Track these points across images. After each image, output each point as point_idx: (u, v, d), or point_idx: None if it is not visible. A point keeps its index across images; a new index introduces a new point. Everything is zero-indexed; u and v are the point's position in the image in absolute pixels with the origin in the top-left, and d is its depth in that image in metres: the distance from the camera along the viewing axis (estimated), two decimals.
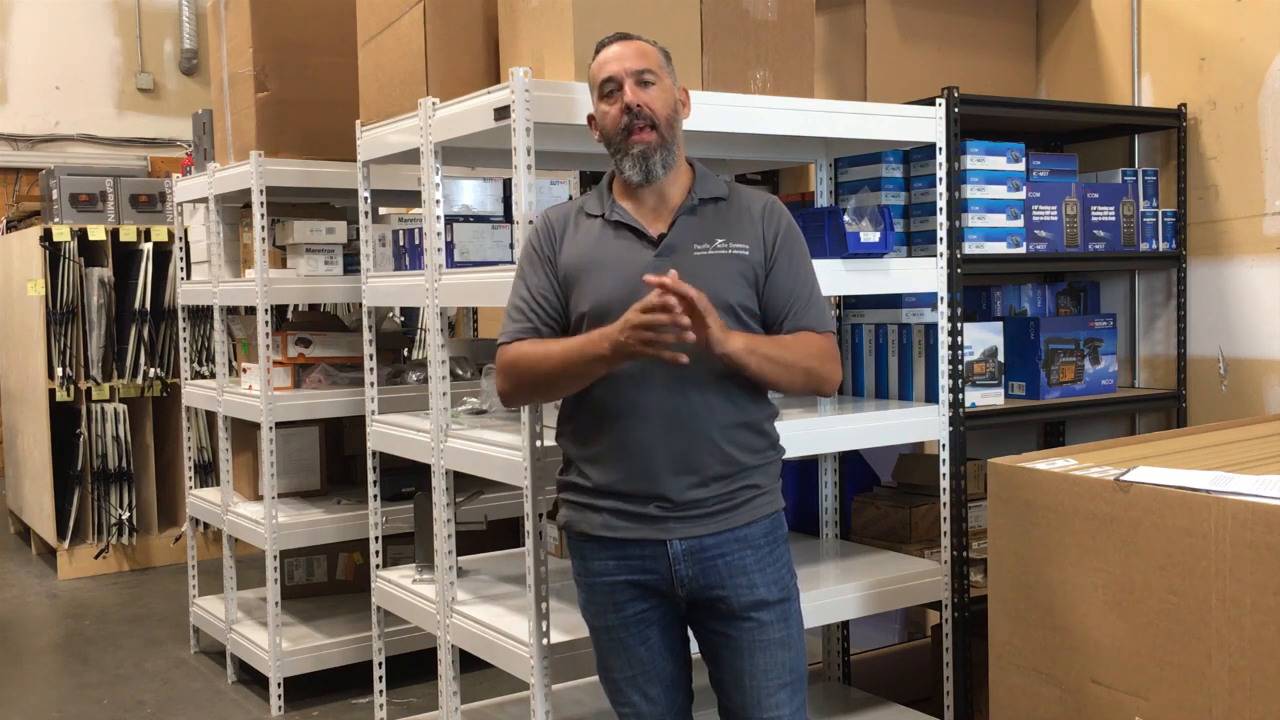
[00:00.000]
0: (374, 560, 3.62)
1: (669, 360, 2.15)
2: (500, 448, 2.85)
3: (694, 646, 2.50)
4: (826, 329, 2.40)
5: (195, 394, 4.77)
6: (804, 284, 2.41)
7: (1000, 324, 3.59)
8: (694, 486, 2.29)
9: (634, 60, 2.35)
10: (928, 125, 3.24)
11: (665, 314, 2.11)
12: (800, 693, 2.40)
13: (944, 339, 3.30)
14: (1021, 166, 3.55)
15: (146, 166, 8.40)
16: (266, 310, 4.00)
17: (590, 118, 2.45)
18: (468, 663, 3.22)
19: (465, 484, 3.29)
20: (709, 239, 2.36)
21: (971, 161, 3.44)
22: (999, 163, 3.50)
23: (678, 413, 2.28)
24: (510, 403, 2.46)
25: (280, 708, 4.14)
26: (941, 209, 3.29)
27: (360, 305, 3.66)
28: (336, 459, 4.76)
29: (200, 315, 6.03)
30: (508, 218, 3.43)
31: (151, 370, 6.25)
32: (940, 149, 3.27)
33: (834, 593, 3.12)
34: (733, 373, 2.28)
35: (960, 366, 3.36)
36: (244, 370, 4.39)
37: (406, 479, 4.10)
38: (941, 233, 3.30)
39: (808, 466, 3.71)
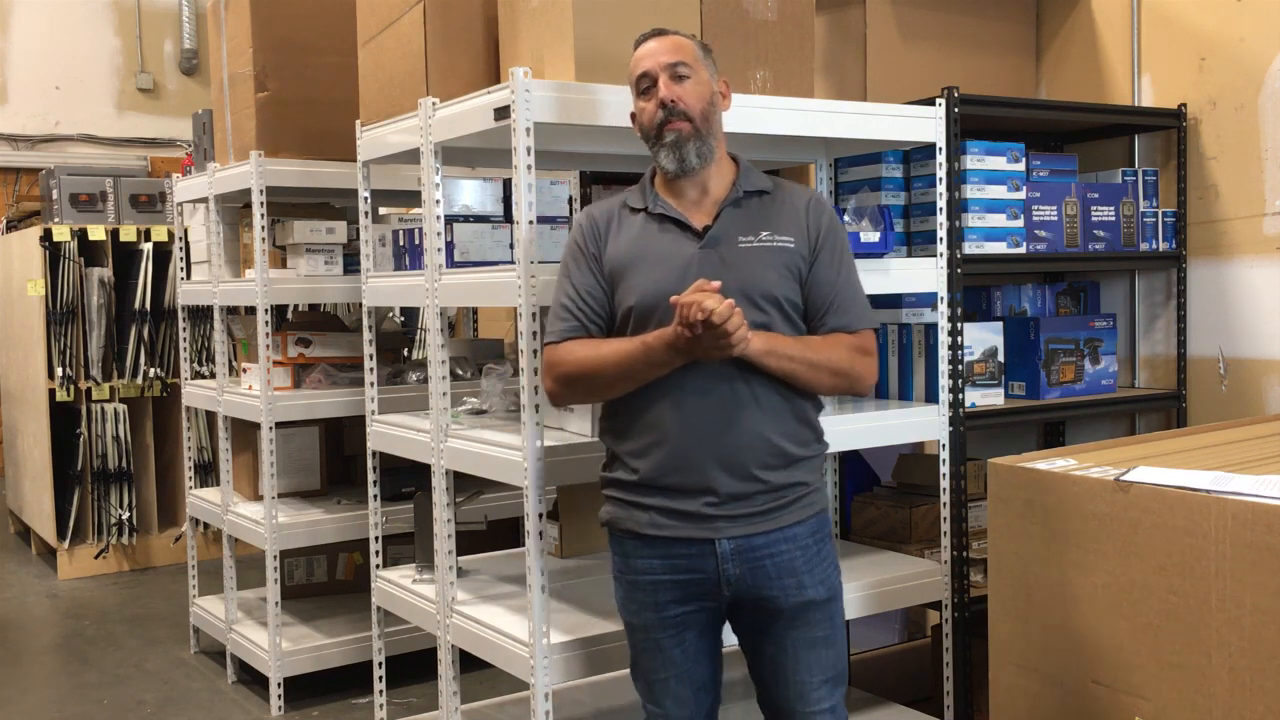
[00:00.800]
0: (374, 560, 3.62)
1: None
2: (500, 448, 2.85)
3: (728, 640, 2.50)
4: (865, 326, 2.39)
5: (195, 394, 4.76)
6: (845, 280, 2.40)
7: (1000, 324, 3.59)
8: (743, 479, 2.28)
9: (668, 54, 2.36)
10: (928, 125, 3.24)
11: (735, 318, 2.13)
12: (841, 686, 2.43)
13: (944, 339, 3.30)
14: (1021, 166, 3.55)
15: (146, 166, 8.40)
16: (266, 310, 4.00)
17: (633, 115, 2.46)
18: (468, 663, 3.22)
19: (465, 484, 3.29)
20: (753, 231, 2.35)
21: (971, 161, 3.44)
22: (999, 163, 3.50)
23: (725, 404, 2.27)
24: (560, 403, 2.48)
25: (280, 708, 4.14)
26: (941, 209, 3.29)
27: (360, 305, 3.66)
28: (336, 459, 4.76)
29: (200, 315, 6.03)
30: (508, 218, 3.43)
31: (151, 370, 6.25)
32: (940, 149, 3.27)
33: None
34: None
35: (960, 366, 3.36)
36: (244, 370, 4.39)
37: (406, 479, 4.10)
38: (941, 233, 3.30)
39: None
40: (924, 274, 3.26)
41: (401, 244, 3.52)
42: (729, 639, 2.50)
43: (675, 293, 2.20)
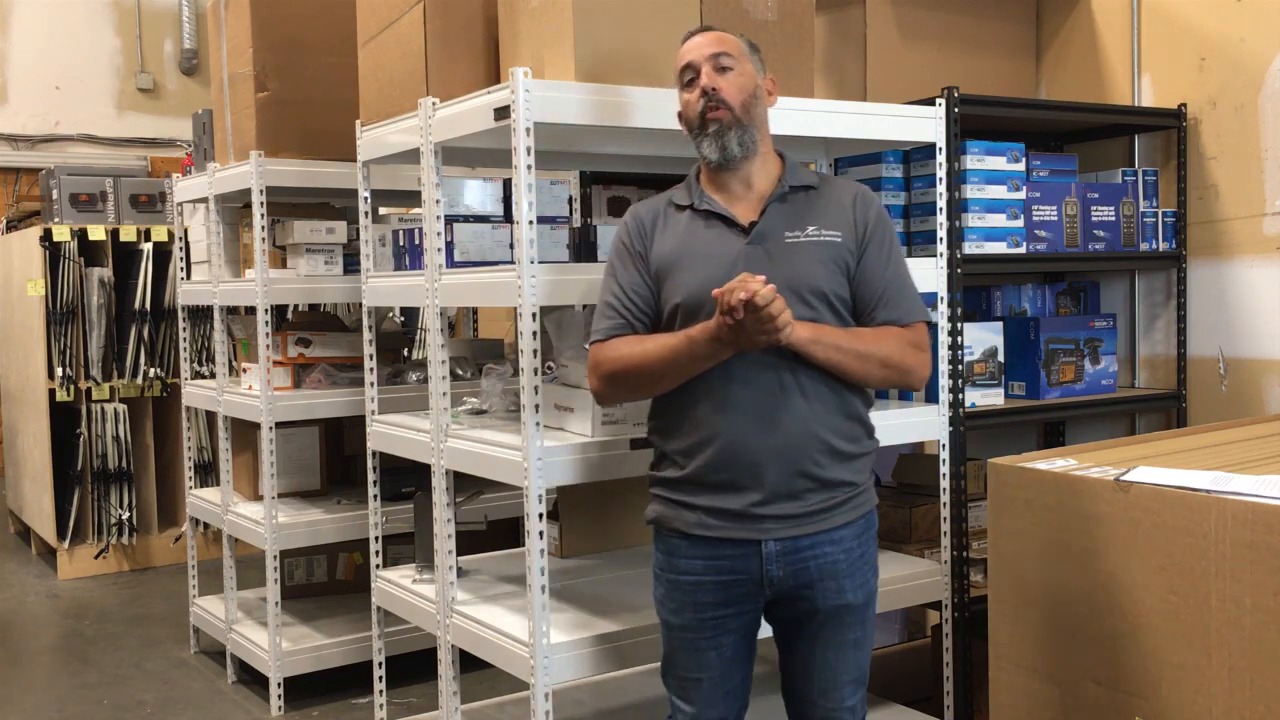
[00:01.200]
0: (374, 560, 3.62)
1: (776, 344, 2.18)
2: (500, 448, 2.85)
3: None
4: (916, 319, 2.38)
5: (195, 394, 4.76)
6: (895, 274, 2.39)
7: (1000, 324, 3.60)
8: (792, 476, 2.27)
9: (711, 46, 2.36)
10: (928, 125, 3.24)
11: (777, 303, 2.11)
12: (864, 685, 2.44)
13: (944, 339, 3.30)
14: (1021, 166, 3.55)
15: (146, 166, 8.40)
16: (266, 310, 4.00)
17: (679, 114, 2.46)
18: (468, 663, 3.22)
19: (465, 484, 3.29)
20: (800, 226, 2.34)
21: (971, 161, 3.44)
22: (999, 163, 3.50)
23: (773, 399, 2.26)
24: (607, 401, 2.48)
25: (280, 708, 4.14)
26: (941, 209, 3.29)
27: (360, 305, 3.66)
28: (336, 459, 4.76)
29: (200, 315, 6.03)
30: (508, 218, 3.43)
31: (151, 370, 6.25)
32: (940, 149, 3.27)
33: None
34: None
35: (960, 366, 3.36)
36: (244, 370, 4.39)
37: (406, 479, 4.09)
38: (941, 233, 3.30)
39: None
40: (924, 274, 3.25)
41: (401, 244, 3.52)
42: (763, 630, 2.49)
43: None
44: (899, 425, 3.26)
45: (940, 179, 3.28)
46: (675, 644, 2.41)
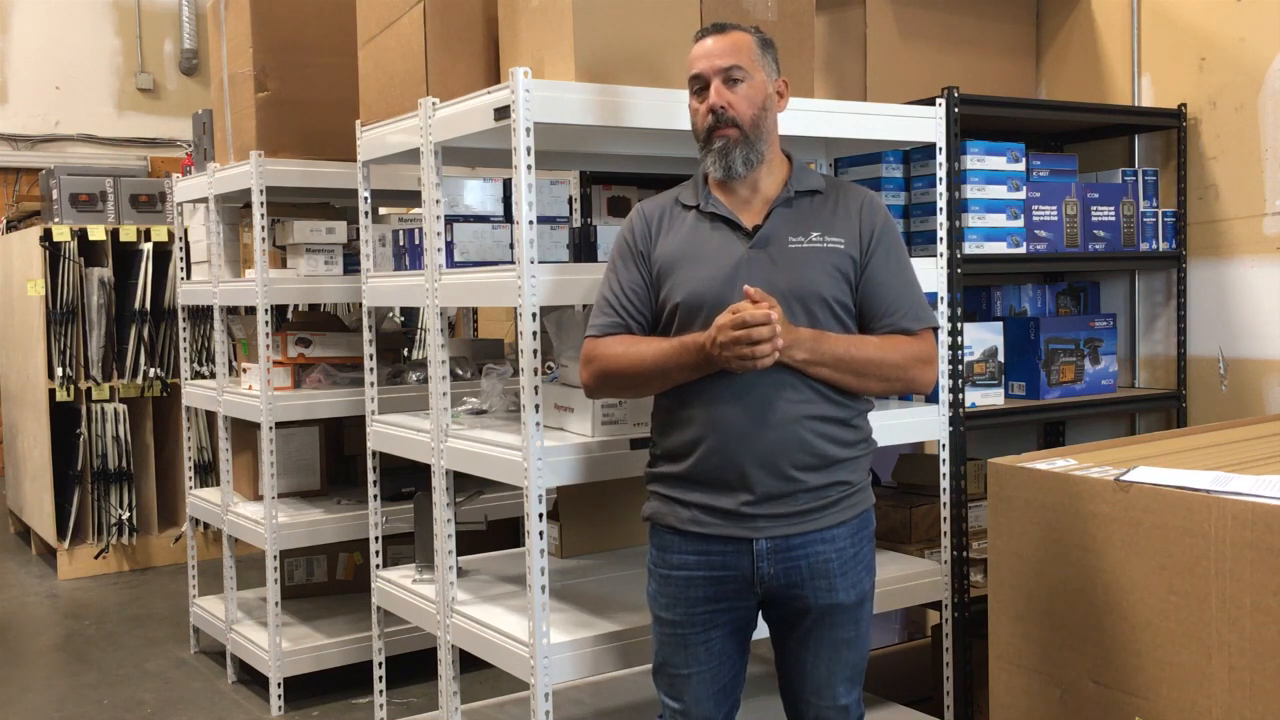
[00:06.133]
0: (374, 560, 3.62)
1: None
2: (500, 448, 2.85)
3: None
4: (924, 326, 2.38)
5: (195, 394, 4.77)
6: (901, 281, 2.39)
7: (1000, 324, 3.59)
8: (779, 479, 2.27)
9: (723, 57, 2.33)
10: (928, 125, 3.24)
11: (765, 328, 2.12)
12: (859, 683, 2.45)
13: (944, 339, 3.29)
14: (1021, 166, 3.55)
15: (146, 166, 8.40)
16: (266, 310, 4.00)
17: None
18: (468, 663, 3.22)
19: (465, 484, 3.29)
20: (804, 232, 2.34)
21: (971, 161, 3.44)
22: (999, 163, 3.50)
23: (765, 405, 2.27)
24: (594, 395, 2.49)
25: (280, 708, 4.14)
26: (941, 209, 3.29)
27: (360, 305, 3.66)
28: (336, 459, 4.76)
29: (200, 315, 6.03)
30: (508, 218, 3.43)
31: (151, 370, 6.25)
32: (940, 149, 3.27)
33: None
34: None
35: (960, 366, 3.36)
36: (244, 370, 4.39)
37: (406, 479, 4.09)
38: (941, 233, 3.30)
39: None
40: (924, 274, 3.24)
41: (401, 244, 3.51)
42: (760, 630, 2.50)
43: (723, 292, 2.21)
44: (899, 425, 3.26)
45: (940, 179, 3.28)
46: (665, 639, 2.42)
